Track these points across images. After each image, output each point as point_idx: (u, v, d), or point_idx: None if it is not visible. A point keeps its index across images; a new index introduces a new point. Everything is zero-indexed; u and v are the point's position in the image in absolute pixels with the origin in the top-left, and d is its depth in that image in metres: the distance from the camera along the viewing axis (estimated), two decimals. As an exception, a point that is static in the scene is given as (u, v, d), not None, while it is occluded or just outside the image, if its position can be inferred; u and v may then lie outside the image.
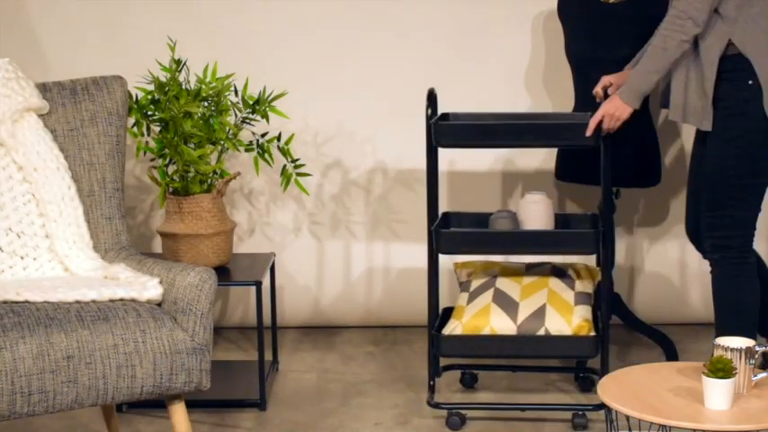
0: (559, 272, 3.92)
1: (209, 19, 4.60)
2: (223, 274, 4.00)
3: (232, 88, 4.06)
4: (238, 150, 4.08)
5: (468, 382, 4.14)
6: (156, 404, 3.89)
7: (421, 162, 4.68)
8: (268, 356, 4.28)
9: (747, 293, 3.66)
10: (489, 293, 3.82)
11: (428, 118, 3.76)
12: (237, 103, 4.06)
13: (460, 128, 3.72)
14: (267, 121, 4.08)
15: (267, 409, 3.97)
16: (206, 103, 3.98)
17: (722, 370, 2.87)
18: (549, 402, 3.97)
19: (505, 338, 3.71)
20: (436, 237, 3.75)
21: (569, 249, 3.76)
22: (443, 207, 4.52)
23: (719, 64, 3.52)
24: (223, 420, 3.88)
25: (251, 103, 4.04)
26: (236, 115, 4.10)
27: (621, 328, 4.60)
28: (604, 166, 3.73)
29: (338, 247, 4.71)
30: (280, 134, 4.15)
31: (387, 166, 4.68)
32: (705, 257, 3.75)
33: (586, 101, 4.11)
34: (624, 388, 3.03)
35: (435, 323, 3.85)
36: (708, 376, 2.88)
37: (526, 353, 3.74)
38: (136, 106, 3.97)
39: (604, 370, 3.81)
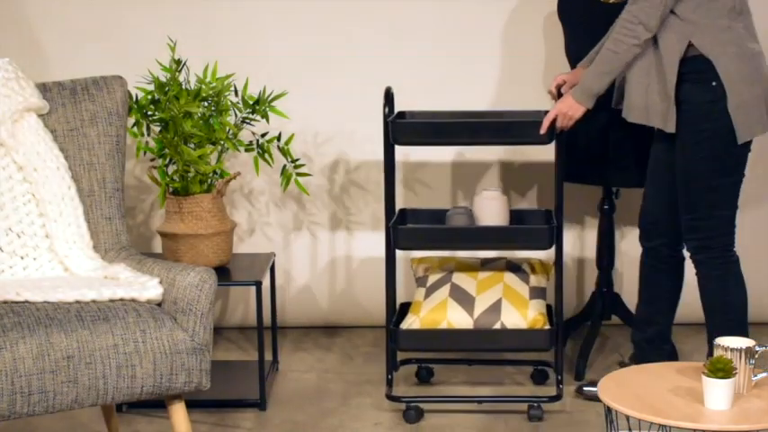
0: (514, 267, 4.01)
1: (209, 19, 4.60)
2: (223, 274, 4.00)
3: (232, 88, 4.06)
4: (238, 150, 4.08)
5: (425, 377, 4.21)
6: (156, 404, 3.89)
7: (421, 160, 4.68)
8: (268, 356, 4.28)
9: (734, 291, 3.72)
10: (446, 288, 3.91)
11: (385, 116, 3.83)
12: (237, 103, 4.06)
13: (418, 126, 3.82)
14: (267, 121, 4.08)
15: (267, 409, 3.97)
16: (206, 103, 3.98)
17: (722, 370, 2.87)
18: (505, 395, 4.05)
19: (462, 332, 3.81)
20: (394, 233, 3.82)
21: (525, 245, 3.84)
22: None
23: (681, 66, 3.55)
24: (223, 420, 3.88)
25: (251, 103, 4.04)
26: (236, 115, 4.10)
27: (620, 328, 4.60)
28: (558, 163, 3.83)
29: (338, 246, 4.71)
30: (280, 134, 4.15)
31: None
32: (661, 256, 3.83)
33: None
34: (624, 388, 3.03)
35: (393, 318, 3.93)
36: (708, 376, 2.88)
37: (482, 346, 3.85)
38: (136, 106, 3.97)
39: (559, 363, 3.91)
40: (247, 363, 4.33)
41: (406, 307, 4.10)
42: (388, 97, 3.85)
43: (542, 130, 3.72)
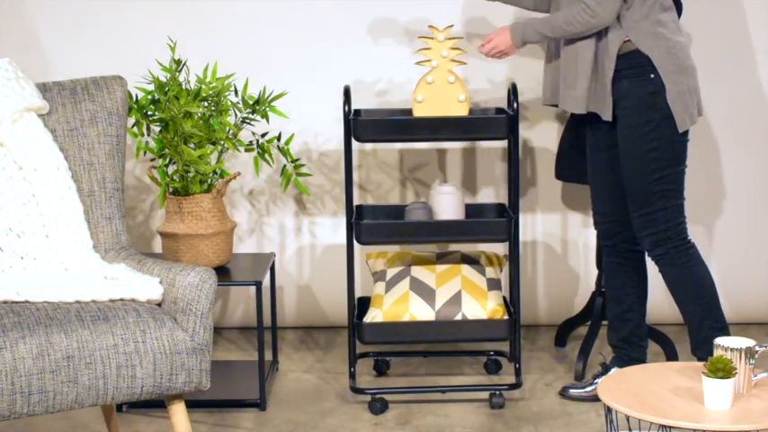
0: (470, 260, 4.12)
1: (209, 19, 4.60)
2: (223, 274, 4.00)
3: (232, 88, 4.06)
4: (238, 150, 4.08)
5: (382, 369, 4.30)
6: (156, 404, 3.89)
7: (420, 160, 4.69)
8: (268, 356, 4.28)
9: (701, 275, 3.78)
10: (406, 282, 4.01)
11: (346, 114, 3.93)
12: (237, 103, 4.06)
13: (379, 123, 3.95)
14: (267, 121, 4.08)
15: (267, 409, 3.97)
16: (206, 103, 3.98)
17: (722, 370, 2.87)
18: (465, 384, 4.15)
19: (425, 324, 3.93)
20: (357, 229, 3.93)
21: (485, 237, 3.99)
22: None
23: (619, 62, 3.68)
24: (223, 420, 3.88)
25: (251, 103, 4.04)
26: (236, 115, 4.10)
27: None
28: (513, 159, 4.00)
29: (338, 246, 4.71)
30: (280, 134, 4.15)
31: (388, 164, 4.68)
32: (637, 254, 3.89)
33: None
34: (624, 388, 3.03)
35: (354, 312, 4.04)
36: (708, 376, 2.88)
37: (444, 337, 3.98)
38: (136, 106, 3.97)
39: (515, 352, 4.05)
40: (247, 363, 4.33)
41: (363, 301, 4.19)
42: (347, 95, 3.95)
43: (481, 49, 3.91)
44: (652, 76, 3.67)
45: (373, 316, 3.95)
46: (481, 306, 3.95)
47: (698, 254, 3.78)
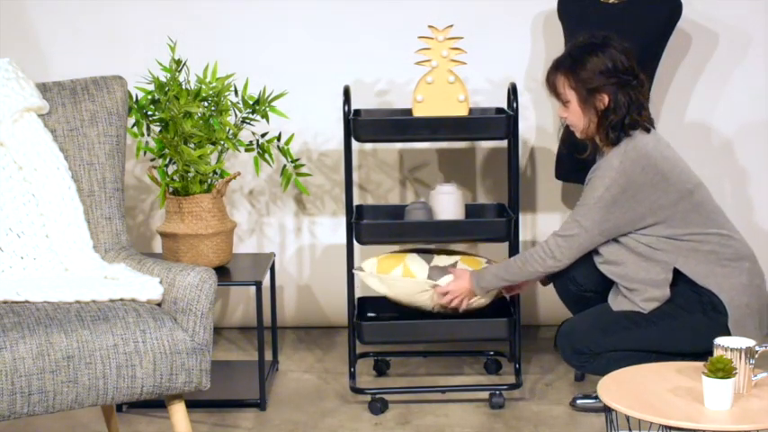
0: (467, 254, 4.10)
1: (209, 19, 4.61)
2: (223, 274, 4.00)
3: (232, 88, 4.06)
4: (238, 150, 4.08)
5: (382, 369, 4.29)
6: (156, 404, 3.89)
7: (420, 160, 4.69)
8: (268, 356, 4.28)
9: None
10: (403, 255, 3.99)
11: (346, 114, 3.94)
12: (237, 103, 4.07)
13: (379, 123, 3.98)
14: (267, 121, 4.08)
15: (267, 409, 3.97)
16: (206, 103, 3.98)
17: (722, 370, 2.87)
18: (465, 384, 4.15)
19: (425, 323, 3.92)
20: (357, 229, 3.94)
21: (484, 237, 4.01)
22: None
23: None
24: (223, 420, 3.88)
25: (251, 103, 4.04)
26: (236, 115, 4.10)
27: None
28: (513, 159, 3.98)
29: (338, 246, 4.71)
30: (280, 134, 4.15)
31: (388, 164, 4.68)
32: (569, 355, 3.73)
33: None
34: (624, 388, 3.03)
35: (354, 312, 4.04)
36: (708, 376, 2.88)
37: (445, 337, 3.96)
38: (136, 106, 3.97)
39: (515, 352, 4.03)
40: (247, 363, 4.33)
41: (363, 301, 4.19)
42: (347, 95, 3.95)
43: (436, 306, 3.89)
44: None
45: (370, 264, 3.94)
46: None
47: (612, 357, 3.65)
